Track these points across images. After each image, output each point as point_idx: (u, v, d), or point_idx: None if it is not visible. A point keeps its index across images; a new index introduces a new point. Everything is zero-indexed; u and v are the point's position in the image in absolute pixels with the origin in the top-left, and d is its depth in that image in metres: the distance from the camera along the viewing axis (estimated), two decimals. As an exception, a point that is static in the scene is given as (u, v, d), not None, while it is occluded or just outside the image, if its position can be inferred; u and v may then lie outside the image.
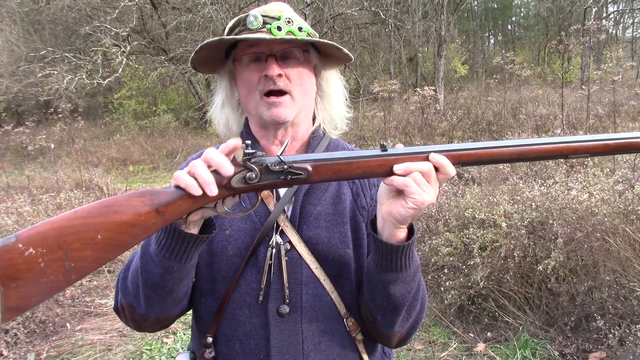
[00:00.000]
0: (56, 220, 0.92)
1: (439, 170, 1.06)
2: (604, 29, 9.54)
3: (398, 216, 1.07)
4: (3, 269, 0.87)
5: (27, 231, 0.90)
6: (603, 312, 3.60)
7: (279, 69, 1.24)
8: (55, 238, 0.90)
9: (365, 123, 13.13)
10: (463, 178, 7.25)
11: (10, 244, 0.88)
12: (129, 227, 0.96)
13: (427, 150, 1.07)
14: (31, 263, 0.88)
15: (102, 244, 0.93)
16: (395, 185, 1.06)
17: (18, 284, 0.88)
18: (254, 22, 1.23)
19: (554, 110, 11.46)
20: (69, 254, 0.91)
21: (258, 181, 1.04)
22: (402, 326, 1.25)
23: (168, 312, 1.25)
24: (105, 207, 0.95)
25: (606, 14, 26.04)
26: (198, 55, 1.28)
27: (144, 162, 15.75)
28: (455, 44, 24.13)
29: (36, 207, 6.49)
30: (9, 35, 18.67)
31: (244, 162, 1.03)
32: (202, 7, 15.29)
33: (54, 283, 0.91)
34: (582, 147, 1.10)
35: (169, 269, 1.11)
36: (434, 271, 4.59)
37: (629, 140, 1.11)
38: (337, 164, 1.07)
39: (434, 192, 1.06)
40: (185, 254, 1.10)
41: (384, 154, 1.07)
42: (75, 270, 0.92)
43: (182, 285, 1.18)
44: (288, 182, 1.06)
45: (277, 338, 1.24)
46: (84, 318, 4.83)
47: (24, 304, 0.89)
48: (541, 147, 1.10)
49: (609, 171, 5.00)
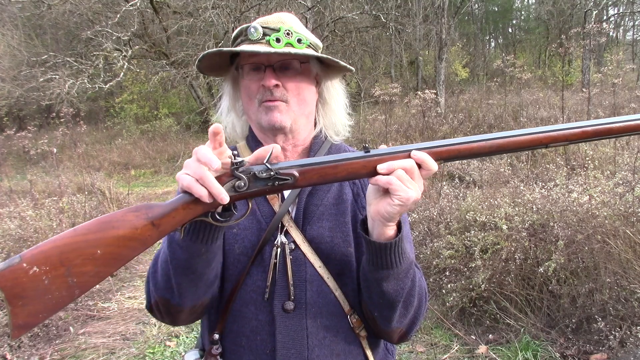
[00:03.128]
0: (57, 238, 0.96)
1: (422, 167, 1.10)
2: (604, 31, 9.54)
3: (385, 214, 1.11)
4: (10, 289, 0.90)
5: (31, 251, 0.94)
6: (604, 314, 3.61)
7: (276, 79, 1.28)
8: (57, 256, 0.94)
9: (367, 126, 13.14)
10: (464, 181, 7.26)
11: (15, 264, 0.91)
12: (127, 241, 0.99)
13: (408, 148, 1.11)
14: (36, 281, 0.92)
15: (102, 258, 0.97)
16: (379, 184, 1.09)
17: (24, 302, 0.91)
18: (254, 33, 1.28)
19: (555, 113, 11.46)
20: (71, 270, 0.95)
21: (247, 189, 1.07)
22: (400, 322, 1.28)
23: (201, 298, 1.26)
24: (103, 223, 0.99)
25: (607, 17, 26.05)
26: (202, 63, 1.33)
27: (145, 166, 15.78)
28: (456, 47, 24.19)
29: (39, 211, 6.51)
30: (10, 40, 18.72)
31: (232, 172, 1.06)
32: (203, 11, 15.34)
33: (59, 299, 0.94)
34: (560, 136, 1.13)
35: (197, 251, 1.14)
36: (436, 274, 4.60)
37: (606, 126, 1.14)
38: (322, 167, 1.10)
39: (419, 188, 1.09)
40: (210, 235, 1.12)
41: (367, 155, 1.11)
42: (78, 286, 0.95)
43: (212, 267, 1.21)
44: (276, 188, 1.09)
45: (282, 333, 1.27)
46: (87, 322, 4.85)
47: (31, 320, 0.92)
48: (520, 138, 1.13)
49: (610, 174, 5.02)
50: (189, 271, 1.18)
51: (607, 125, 1.14)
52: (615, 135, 1.16)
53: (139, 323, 4.84)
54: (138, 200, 9.34)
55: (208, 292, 1.27)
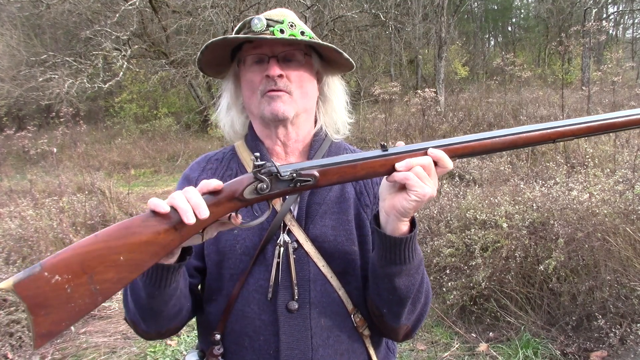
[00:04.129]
0: (78, 246, 0.96)
1: (438, 164, 1.12)
2: (604, 30, 9.55)
3: (401, 209, 1.11)
4: (31, 298, 0.89)
5: (51, 259, 0.93)
6: (604, 312, 3.62)
7: (280, 69, 1.28)
8: (79, 263, 0.93)
9: (367, 125, 13.14)
10: (464, 179, 7.26)
11: (35, 273, 0.90)
12: (149, 246, 0.99)
13: (425, 146, 1.13)
14: (58, 290, 0.91)
15: (124, 264, 0.97)
16: (397, 180, 1.11)
17: (47, 311, 0.90)
18: (257, 24, 1.28)
19: (555, 112, 11.46)
20: (94, 278, 0.94)
21: (269, 191, 1.09)
22: (407, 319, 1.28)
23: (166, 327, 1.29)
24: (124, 229, 0.99)
25: (606, 15, 26.07)
26: (204, 56, 1.33)
27: (145, 165, 15.77)
28: (456, 46, 24.18)
29: (39, 211, 6.51)
30: (9, 40, 18.72)
31: (255, 174, 1.08)
32: (202, 10, 15.31)
33: (82, 306, 0.93)
34: (567, 131, 1.17)
35: (151, 293, 1.16)
36: (436, 272, 4.60)
37: (610, 121, 1.19)
38: (342, 167, 1.12)
39: (434, 185, 1.11)
40: (163, 280, 1.14)
41: (385, 154, 1.13)
42: (101, 293, 0.95)
43: (170, 306, 1.22)
44: (298, 188, 1.11)
45: (286, 334, 1.26)
46: (88, 321, 4.85)
47: (55, 329, 0.92)
48: (529, 134, 1.17)
49: (610, 171, 5.02)
50: (146, 308, 1.20)
51: (612, 120, 1.19)
52: (619, 129, 1.21)
53: (140, 322, 4.84)
54: (138, 200, 9.31)
55: (172, 323, 1.29)
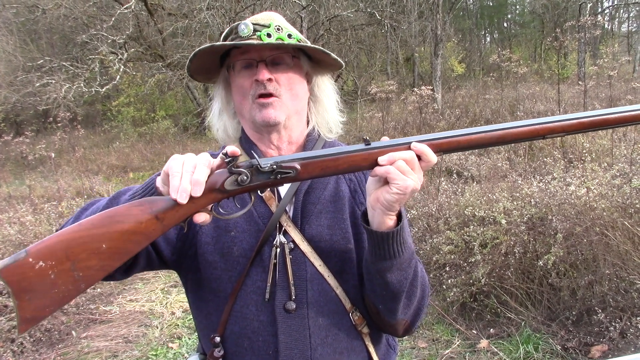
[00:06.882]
0: (62, 233, 0.97)
1: (421, 158, 1.11)
2: (599, 24, 9.55)
3: (385, 202, 1.12)
4: (16, 283, 0.92)
5: (36, 245, 0.95)
6: (604, 306, 3.63)
7: (269, 73, 1.29)
8: (63, 250, 0.95)
9: (364, 124, 13.15)
10: (462, 176, 7.27)
11: (21, 259, 0.92)
12: (132, 235, 1.01)
13: (408, 140, 1.12)
14: (42, 275, 0.93)
15: (107, 252, 0.99)
16: (379, 174, 1.11)
17: (31, 296, 0.93)
18: (244, 29, 1.28)
19: (552, 107, 11.46)
20: (77, 265, 0.96)
21: (250, 182, 1.09)
22: (404, 313, 1.29)
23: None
24: (107, 218, 1.00)
25: (601, 9, 26.08)
26: (193, 64, 1.34)
27: (144, 168, 15.73)
28: (452, 43, 24.18)
29: (38, 216, 6.52)
30: (5, 46, 18.70)
31: (229, 169, 1.09)
32: (198, 12, 15.30)
33: (65, 293, 0.96)
34: (557, 127, 1.15)
35: None
36: (436, 269, 4.61)
37: (601, 117, 1.16)
38: (323, 160, 1.12)
39: (418, 179, 1.11)
40: None
41: (367, 148, 1.13)
42: (83, 280, 0.97)
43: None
44: (278, 181, 1.11)
45: (285, 334, 1.27)
46: (89, 325, 4.86)
47: (38, 314, 0.94)
48: (518, 130, 1.15)
49: (607, 166, 5.03)
50: None
51: (604, 117, 1.16)
52: (611, 126, 1.18)
53: (141, 325, 4.85)
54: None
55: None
